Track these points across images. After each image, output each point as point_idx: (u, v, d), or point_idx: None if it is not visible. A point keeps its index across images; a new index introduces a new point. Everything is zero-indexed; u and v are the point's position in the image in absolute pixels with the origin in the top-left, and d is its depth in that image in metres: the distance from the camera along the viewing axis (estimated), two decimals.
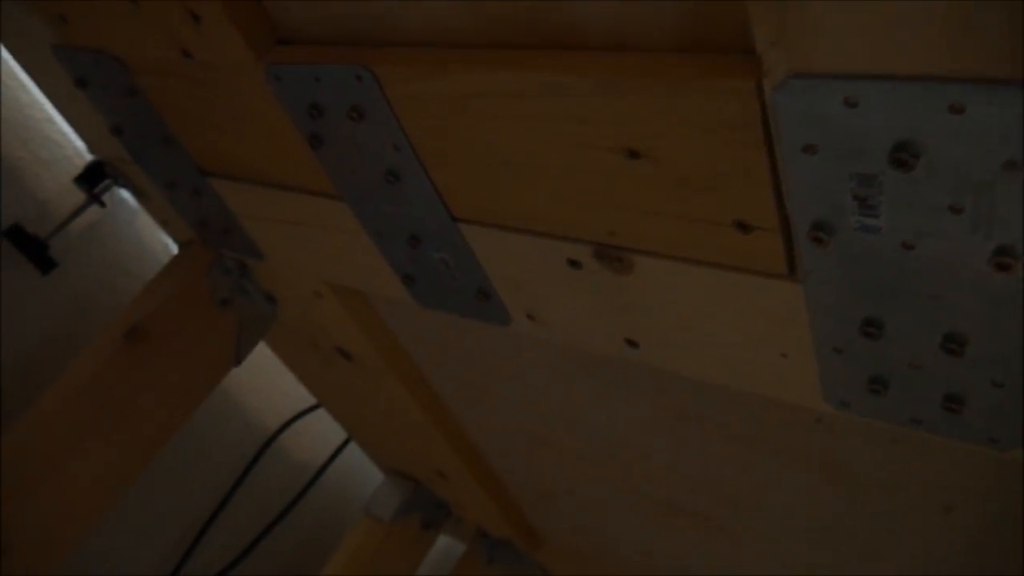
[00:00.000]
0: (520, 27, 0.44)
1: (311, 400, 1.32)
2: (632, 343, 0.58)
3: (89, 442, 0.87)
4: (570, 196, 0.49)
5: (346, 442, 1.40)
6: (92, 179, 0.93)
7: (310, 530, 1.42)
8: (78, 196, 0.95)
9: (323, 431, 1.38)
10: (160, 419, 0.92)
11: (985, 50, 0.29)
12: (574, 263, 0.54)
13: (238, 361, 0.98)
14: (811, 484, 0.65)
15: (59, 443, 0.86)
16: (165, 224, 0.99)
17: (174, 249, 1.00)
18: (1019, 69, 0.29)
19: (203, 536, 1.25)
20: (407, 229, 0.62)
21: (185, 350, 0.93)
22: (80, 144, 0.96)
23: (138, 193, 0.94)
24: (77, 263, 1.02)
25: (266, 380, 1.31)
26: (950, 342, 0.41)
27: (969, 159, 0.33)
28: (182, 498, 1.25)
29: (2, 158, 0.95)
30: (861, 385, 0.47)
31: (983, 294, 0.38)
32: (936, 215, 0.36)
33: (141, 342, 0.90)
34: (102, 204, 0.94)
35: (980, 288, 0.37)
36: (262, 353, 1.20)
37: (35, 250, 0.92)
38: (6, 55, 0.89)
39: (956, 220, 0.35)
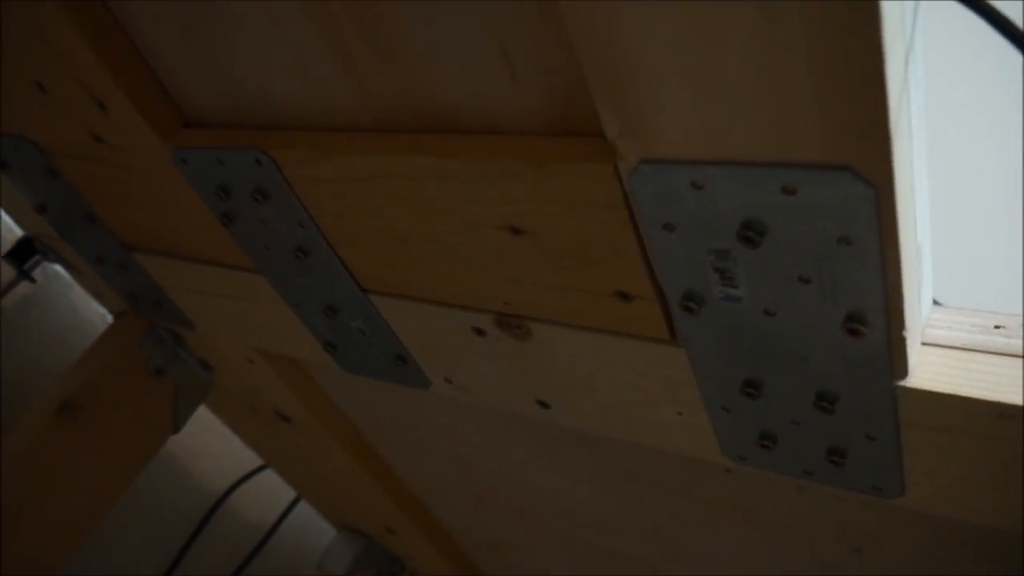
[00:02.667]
0: (403, 112, 0.46)
1: (260, 460, 1.32)
2: (543, 404, 0.59)
3: (23, 521, 0.86)
4: (466, 270, 0.50)
5: (297, 499, 1.40)
6: (22, 255, 0.93)
7: None
8: (9, 272, 0.95)
9: (274, 489, 1.38)
10: (97, 493, 0.92)
11: (804, 137, 0.31)
12: (479, 331, 0.55)
13: (176, 429, 0.98)
14: (732, 528, 0.66)
15: None
16: (99, 296, 0.99)
17: (111, 318, 1.00)
18: (834, 155, 0.31)
19: None
20: (322, 300, 0.63)
21: (121, 421, 0.93)
22: (9, 220, 0.96)
23: (69, 267, 0.94)
24: (11, 337, 1.02)
25: (213, 441, 1.31)
26: (822, 400, 0.43)
27: (807, 235, 0.35)
28: (130, 565, 1.23)
29: None
30: (753, 440, 0.49)
31: (842, 357, 0.39)
32: (788, 285, 0.38)
33: (75, 416, 0.89)
34: (32, 280, 0.94)
35: (839, 351, 0.39)
36: (207, 416, 1.20)
37: None
38: None
39: (807, 289, 0.37)
